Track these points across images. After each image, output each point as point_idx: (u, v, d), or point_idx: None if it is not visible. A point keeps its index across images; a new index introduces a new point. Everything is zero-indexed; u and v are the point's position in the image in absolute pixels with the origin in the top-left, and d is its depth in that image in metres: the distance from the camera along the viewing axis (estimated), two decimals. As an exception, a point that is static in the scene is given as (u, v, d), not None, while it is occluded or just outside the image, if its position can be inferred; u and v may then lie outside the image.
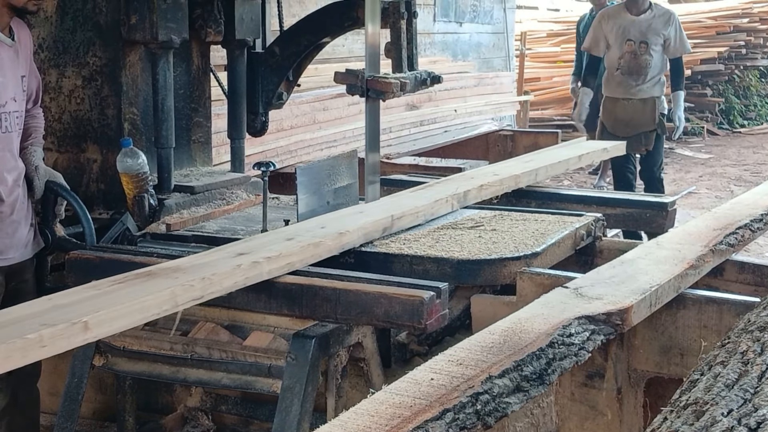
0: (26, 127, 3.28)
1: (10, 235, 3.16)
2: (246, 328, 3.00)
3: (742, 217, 3.39)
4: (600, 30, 6.67)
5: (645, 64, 6.48)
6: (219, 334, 3.00)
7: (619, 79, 6.59)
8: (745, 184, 7.82)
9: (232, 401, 3.20)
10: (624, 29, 6.54)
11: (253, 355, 2.90)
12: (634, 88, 6.54)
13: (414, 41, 3.71)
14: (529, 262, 3.12)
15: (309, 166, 3.47)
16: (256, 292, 2.83)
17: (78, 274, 3.11)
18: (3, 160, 3.13)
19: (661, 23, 6.53)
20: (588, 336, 2.22)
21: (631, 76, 6.54)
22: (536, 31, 13.90)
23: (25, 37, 3.27)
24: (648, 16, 6.54)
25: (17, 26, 3.22)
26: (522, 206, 4.07)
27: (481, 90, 8.90)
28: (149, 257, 3.07)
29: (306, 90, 6.23)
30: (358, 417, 1.70)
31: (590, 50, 6.81)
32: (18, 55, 3.19)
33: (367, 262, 3.17)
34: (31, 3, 3.14)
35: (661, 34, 6.50)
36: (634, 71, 6.52)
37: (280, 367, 2.82)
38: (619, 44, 6.55)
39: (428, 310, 2.69)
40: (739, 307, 2.62)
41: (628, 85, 6.56)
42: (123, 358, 3.07)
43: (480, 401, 1.80)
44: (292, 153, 6.02)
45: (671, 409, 1.63)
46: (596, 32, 6.71)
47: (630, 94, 6.56)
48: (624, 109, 6.58)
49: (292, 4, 7.07)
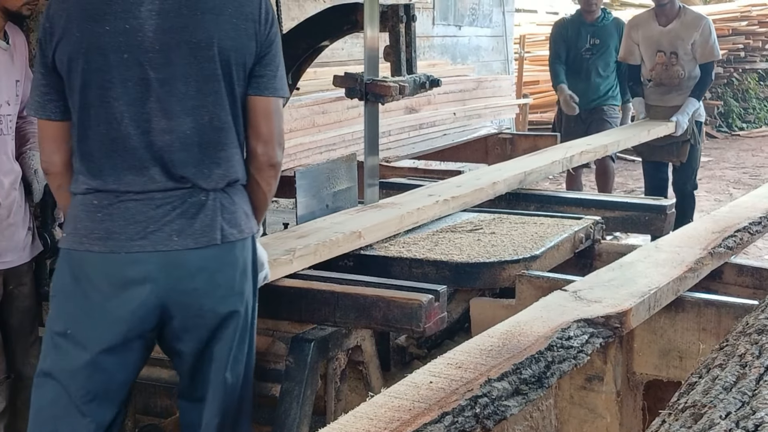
0: (24, 132, 3.28)
1: (7, 238, 3.16)
2: (245, 331, 2.99)
3: (740, 220, 3.40)
4: (630, 39, 6.51)
5: (677, 75, 6.31)
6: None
7: (653, 89, 6.45)
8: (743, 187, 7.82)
9: (231, 404, 3.20)
10: (653, 40, 6.36)
11: (252, 359, 2.90)
12: (667, 95, 6.38)
13: (413, 45, 3.71)
14: (528, 265, 3.12)
15: (308, 170, 3.47)
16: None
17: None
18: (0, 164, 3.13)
19: (689, 30, 6.28)
20: (587, 339, 2.22)
21: (664, 87, 6.39)
22: (535, 35, 13.89)
23: (21, 42, 3.26)
24: (676, 25, 6.31)
25: (12, 31, 3.22)
26: (521, 209, 4.07)
27: (480, 93, 8.90)
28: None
29: (305, 93, 6.23)
30: (357, 420, 1.71)
31: (626, 60, 6.62)
32: (13, 60, 3.19)
33: (366, 265, 3.17)
34: (25, 8, 3.13)
35: (689, 41, 6.26)
36: (666, 82, 6.37)
37: (279, 371, 2.82)
38: (650, 56, 6.39)
39: (427, 313, 2.68)
40: (737, 310, 2.62)
41: (661, 94, 6.41)
42: (122, 362, 3.06)
43: (479, 404, 1.80)
44: (291, 156, 6.02)
45: (670, 412, 1.63)
46: (628, 42, 6.53)
47: (663, 101, 6.39)
48: (656, 115, 6.41)
49: (291, 8, 7.08)
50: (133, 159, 2.33)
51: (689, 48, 6.23)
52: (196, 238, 2.34)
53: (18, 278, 3.25)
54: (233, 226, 2.39)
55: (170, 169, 2.34)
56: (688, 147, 6.34)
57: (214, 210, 2.36)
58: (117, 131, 2.33)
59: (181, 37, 2.32)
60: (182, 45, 2.33)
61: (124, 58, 2.31)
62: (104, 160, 2.34)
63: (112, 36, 2.31)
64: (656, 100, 6.39)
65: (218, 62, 2.35)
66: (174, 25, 2.32)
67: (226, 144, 2.39)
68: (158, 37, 2.31)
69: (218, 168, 2.38)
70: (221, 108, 2.37)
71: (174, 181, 2.34)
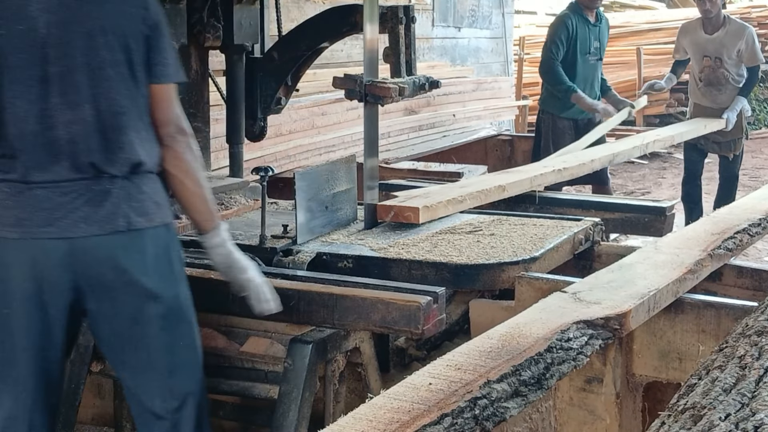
0: None
1: None
2: (243, 333, 2.99)
3: (740, 222, 3.40)
4: (680, 43, 7.18)
5: (723, 77, 6.88)
6: (216, 339, 2.99)
7: (703, 90, 7.00)
8: (743, 189, 7.81)
9: (229, 407, 3.19)
10: (700, 47, 6.94)
11: (250, 361, 2.90)
12: (718, 96, 6.94)
13: (412, 46, 3.71)
14: (528, 266, 3.12)
15: (307, 171, 3.47)
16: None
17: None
18: None
19: (733, 39, 6.83)
20: (586, 341, 2.22)
21: (714, 86, 6.94)
22: (535, 36, 13.87)
23: None
24: (721, 33, 6.85)
25: None
26: (520, 211, 4.07)
27: (480, 95, 8.90)
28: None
29: (305, 95, 6.24)
30: (357, 422, 1.71)
31: (675, 57, 7.33)
32: None
33: (366, 267, 3.17)
34: None
35: (733, 49, 6.82)
36: (714, 83, 6.92)
37: (278, 373, 2.82)
38: (698, 60, 6.97)
39: (425, 315, 2.68)
40: (737, 312, 2.62)
41: (712, 95, 6.96)
42: (121, 364, 3.06)
43: (478, 406, 1.80)
44: (290, 158, 6.02)
45: (669, 414, 1.63)
46: (678, 43, 7.25)
47: (716, 103, 6.95)
48: (711, 115, 6.95)
49: (291, 9, 7.08)
50: (42, 154, 2.42)
51: (734, 54, 6.83)
52: (101, 225, 2.43)
53: None
54: (141, 215, 2.48)
55: (77, 159, 2.44)
56: (742, 141, 7.18)
57: (119, 198, 2.46)
58: (24, 130, 2.42)
59: (73, 28, 2.42)
60: (75, 36, 2.42)
61: (23, 59, 2.41)
62: (15, 157, 2.43)
63: (8, 39, 2.40)
64: (707, 101, 7.00)
65: (112, 48, 2.45)
66: (64, 17, 2.42)
67: (127, 128, 2.49)
68: (51, 32, 2.41)
69: (122, 152, 2.48)
70: (117, 92, 2.47)
71: (80, 170, 2.44)
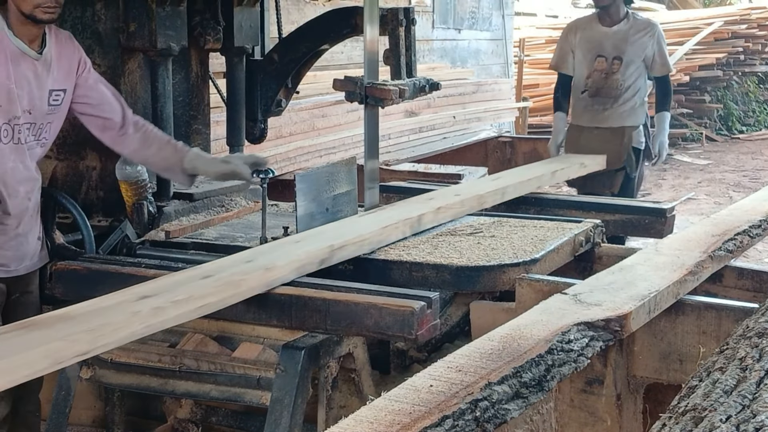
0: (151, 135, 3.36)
1: (14, 249, 3.12)
2: (235, 339, 2.98)
3: (740, 223, 3.40)
4: (567, 44, 5.60)
5: (616, 85, 5.40)
6: (208, 345, 2.98)
7: (586, 103, 5.51)
8: (743, 190, 7.82)
9: (222, 413, 3.19)
10: (595, 43, 5.47)
11: (242, 367, 2.88)
12: (602, 114, 5.46)
13: (412, 48, 3.72)
14: (528, 268, 3.12)
15: (308, 173, 3.47)
16: (245, 303, 2.78)
17: (65, 286, 3.09)
18: (15, 171, 3.07)
19: (640, 36, 5.44)
20: (587, 342, 2.22)
21: (600, 98, 5.45)
22: (535, 38, 13.90)
23: (68, 50, 3.19)
24: (623, 26, 5.45)
25: (57, 39, 3.16)
26: (521, 213, 4.07)
27: (480, 96, 8.91)
28: (137, 268, 3.07)
29: (305, 97, 6.24)
30: (357, 424, 1.70)
31: (558, 68, 5.68)
32: (49, 69, 3.11)
33: (366, 269, 3.17)
34: (39, 11, 2.98)
35: (640, 50, 5.43)
36: (603, 93, 5.43)
37: (270, 379, 2.80)
38: (588, 61, 5.47)
39: (419, 320, 2.65)
40: (737, 313, 2.62)
41: (595, 110, 5.48)
42: (111, 371, 3.05)
43: (479, 408, 1.80)
44: (291, 160, 6.02)
45: (670, 416, 1.63)
46: (562, 47, 5.62)
47: (597, 121, 5.46)
48: (589, 139, 5.45)
49: (291, 12, 7.08)
50: None
51: (639, 58, 5.44)
52: None
53: (24, 286, 3.22)
54: None
55: None
56: (621, 176, 5.45)
57: None
58: None
59: None
60: None
61: None
62: None
63: None
64: (589, 119, 5.50)
65: None
66: None
67: None
68: None
69: None
70: None
71: None
